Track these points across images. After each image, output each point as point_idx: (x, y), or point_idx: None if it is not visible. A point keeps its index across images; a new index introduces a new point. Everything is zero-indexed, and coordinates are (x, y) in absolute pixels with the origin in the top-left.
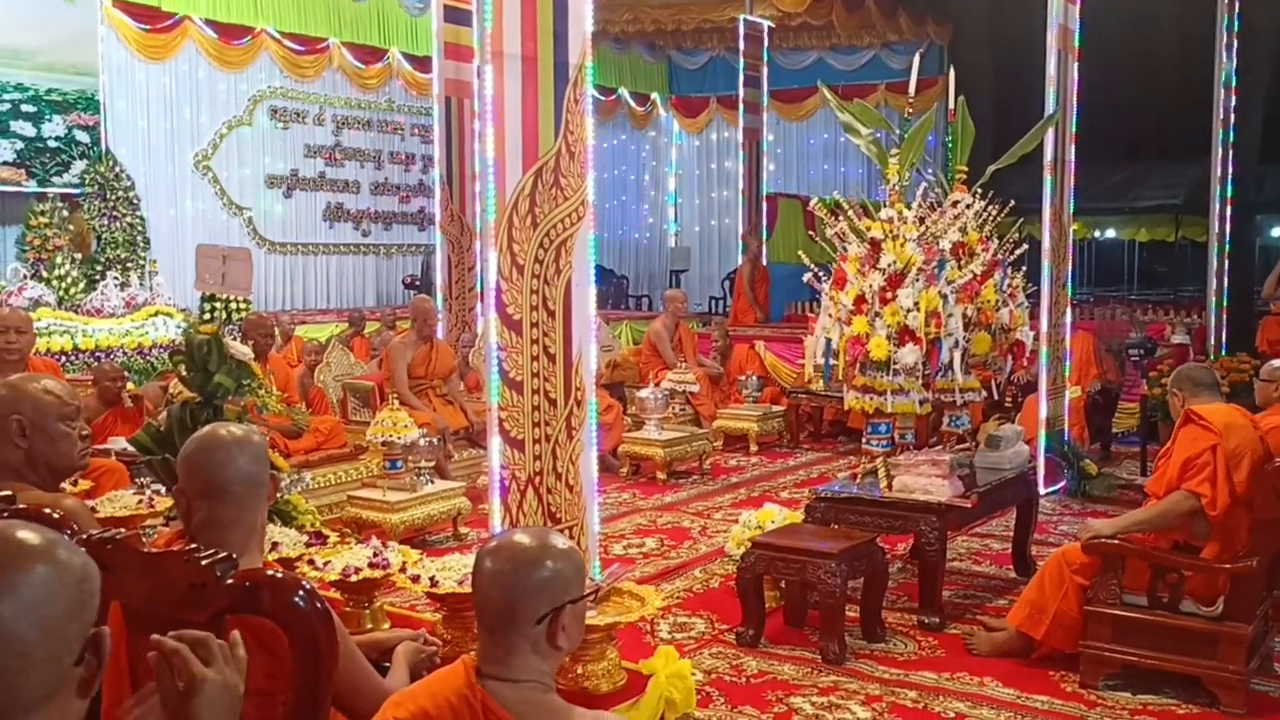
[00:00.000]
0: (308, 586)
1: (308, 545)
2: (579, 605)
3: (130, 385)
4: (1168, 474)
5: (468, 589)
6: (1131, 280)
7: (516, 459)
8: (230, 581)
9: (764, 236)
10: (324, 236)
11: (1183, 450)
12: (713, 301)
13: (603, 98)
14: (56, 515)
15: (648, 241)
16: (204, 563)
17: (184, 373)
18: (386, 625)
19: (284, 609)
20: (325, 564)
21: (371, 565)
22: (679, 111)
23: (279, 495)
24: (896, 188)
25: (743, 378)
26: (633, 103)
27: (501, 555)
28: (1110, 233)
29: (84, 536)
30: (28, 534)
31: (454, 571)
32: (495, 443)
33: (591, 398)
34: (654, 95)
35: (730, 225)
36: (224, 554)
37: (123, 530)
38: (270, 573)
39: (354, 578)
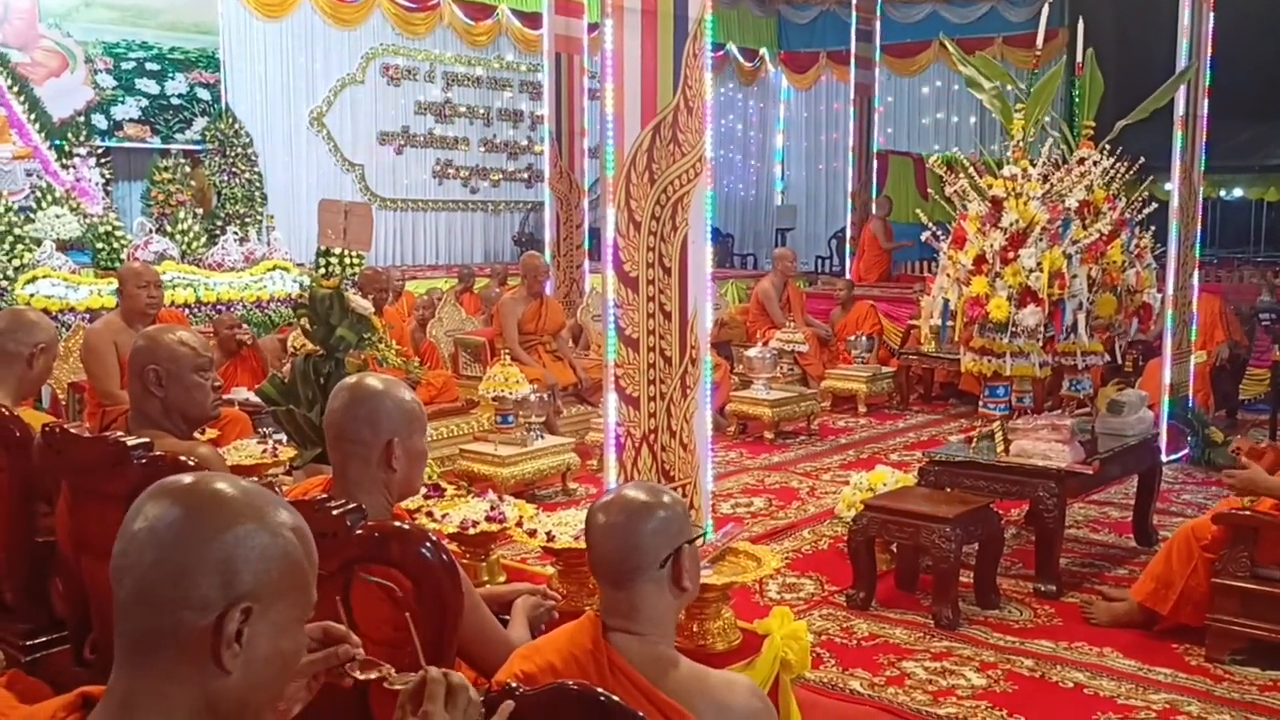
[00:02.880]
0: (434, 538)
1: (425, 498)
2: (695, 546)
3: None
4: None
5: (583, 544)
6: (1259, 241)
7: (632, 416)
8: (359, 532)
9: (873, 194)
10: (433, 193)
11: None
12: (819, 261)
13: (711, 54)
14: (192, 462)
15: (754, 199)
16: (334, 513)
17: (307, 326)
18: (503, 578)
19: (411, 560)
20: (443, 516)
21: (489, 519)
22: (788, 67)
23: None
24: (1021, 144)
25: (852, 338)
26: (741, 58)
27: (614, 508)
28: (1237, 192)
29: None
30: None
31: (570, 526)
32: (611, 399)
33: (706, 356)
34: (763, 50)
35: (838, 183)
36: (353, 505)
37: (256, 479)
38: (397, 524)
39: (471, 531)
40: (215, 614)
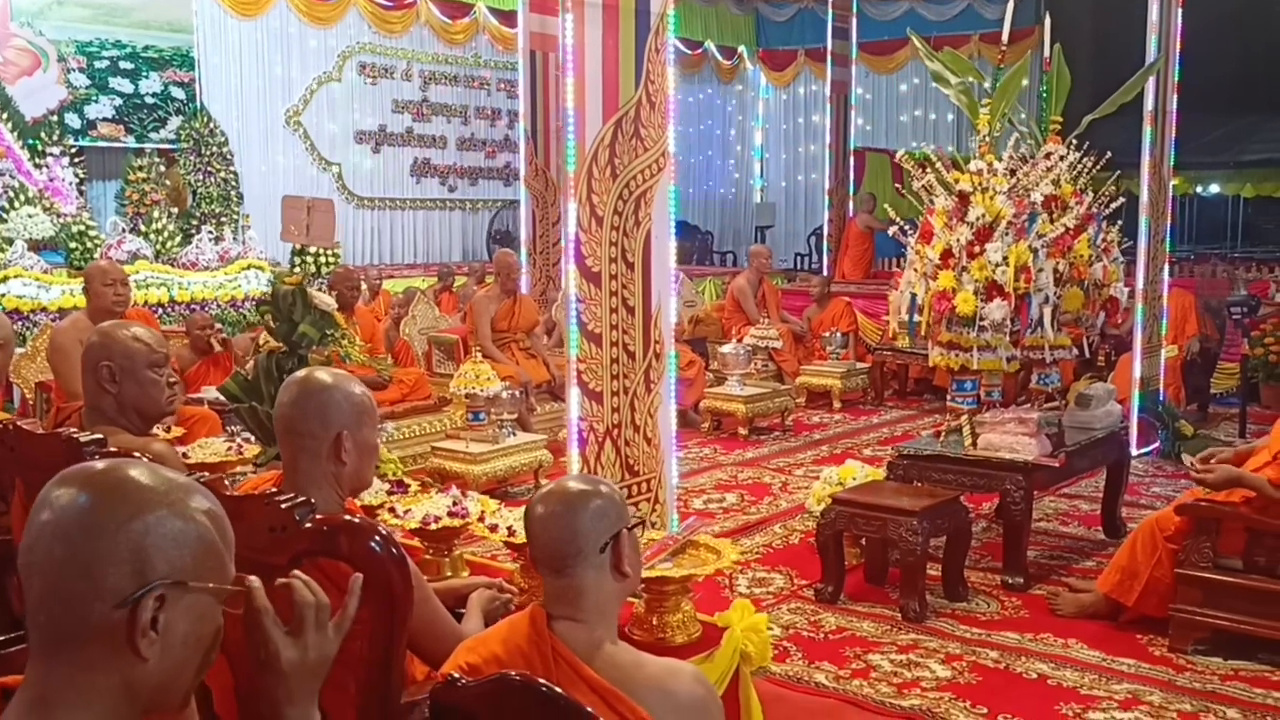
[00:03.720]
0: (384, 532)
1: (389, 494)
2: (633, 533)
3: (222, 334)
4: None
5: None
6: (1235, 237)
7: (595, 411)
8: (308, 525)
9: (850, 191)
10: (411, 192)
11: None
12: (798, 258)
13: (689, 51)
14: (145, 459)
15: (733, 197)
16: (283, 506)
17: (270, 323)
18: (466, 574)
19: (361, 553)
20: (405, 512)
21: (451, 514)
22: (766, 65)
23: None
24: (987, 139)
25: (827, 334)
26: (719, 56)
27: (553, 499)
28: (1213, 188)
29: None
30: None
31: None
32: (574, 394)
33: (671, 351)
34: (740, 48)
35: (817, 181)
36: (302, 498)
37: (207, 474)
38: (347, 518)
39: (433, 526)
40: (129, 603)
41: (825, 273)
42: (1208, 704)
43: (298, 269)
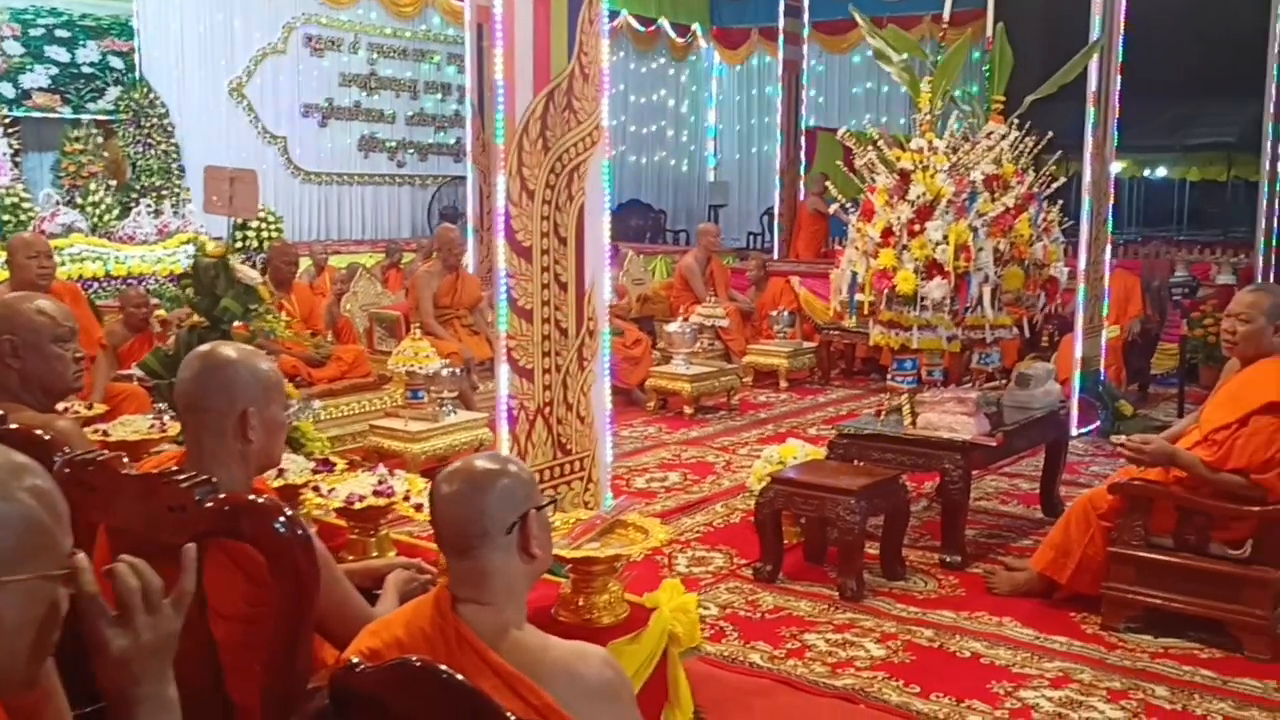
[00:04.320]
0: (289, 512)
1: (314, 472)
2: (543, 513)
3: (161, 311)
4: (1236, 453)
5: None
6: (1181, 220)
7: (525, 389)
8: (209, 505)
9: (800, 171)
10: (359, 167)
11: (1266, 444)
12: (751, 237)
13: (642, 28)
14: (47, 437)
15: (686, 175)
16: (183, 486)
17: (191, 297)
18: (393, 554)
19: (264, 535)
20: (330, 491)
21: (376, 493)
22: (720, 43)
23: (288, 422)
24: (928, 117)
25: (774, 313)
26: (673, 33)
27: (458, 477)
28: (1161, 171)
29: (70, 457)
30: None
31: None
32: (503, 372)
33: (604, 328)
34: (694, 26)
35: (770, 160)
36: (203, 477)
37: (105, 452)
38: (251, 497)
39: (358, 505)
40: None
41: (776, 253)
42: (1137, 682)
43: (239, 243)
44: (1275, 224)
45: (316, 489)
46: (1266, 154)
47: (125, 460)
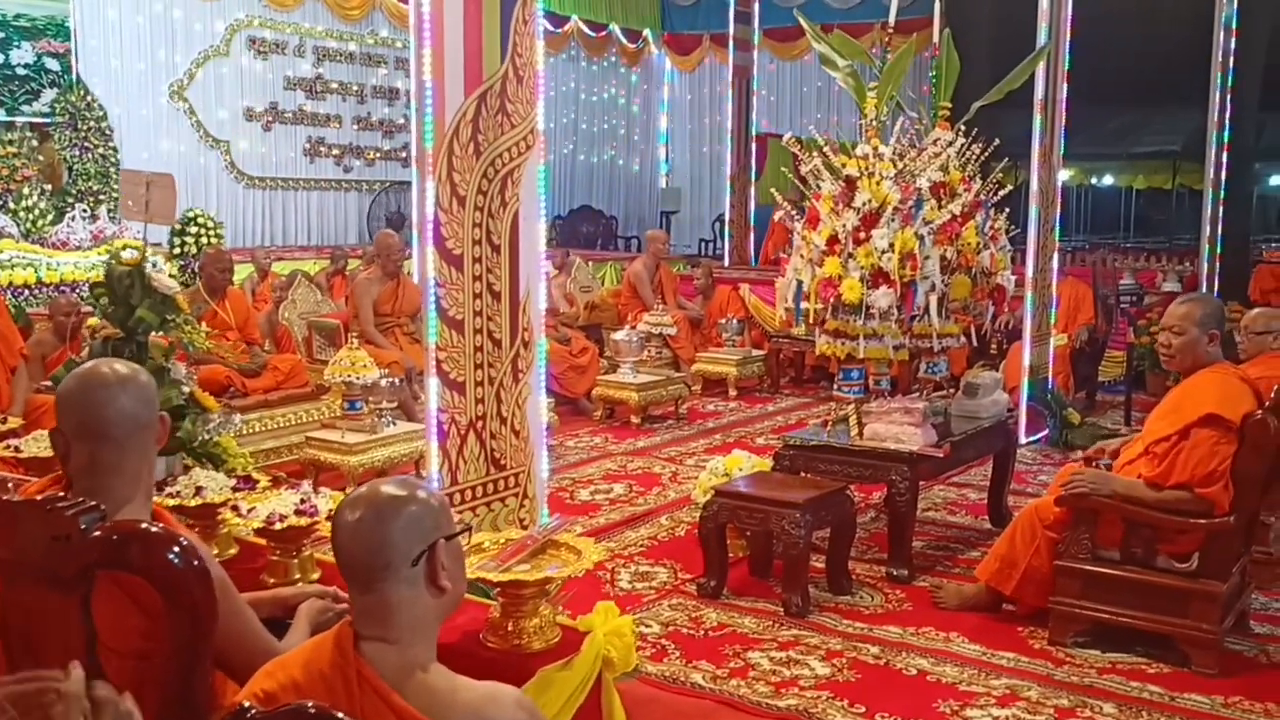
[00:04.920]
0: (184, 541)
1: (234, 490)
2: (454, 542)
3: (93, 320)
4: (1178, 466)
5: None
6: (1128, 227)
7: (456, 402)
8: (96, 534)
9: (752, 178)
10: (305, 172)
11: (1207, 457)
12: (703, 244)
13: (593, 34)
14: None
15: (638, 181)
16: (67, 513)
17: (105, 306)
18: (316, 576)
19: (157, 566)
20: (250, 510)
21: (298, 512)
22: (671, 49)
23: (208, 438)
24: (873, 123)
25: (723, 321)
26: (624, 39)
27: (361, 504)
28: (1108, 179)
29: None
30: None
31: None
32: (433, 384)
33: (540, 339)
34: (646, 32)
35: (722, 166)
36: (89, 504)
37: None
38: (144, 526)
39: (279, 525)
40: None
41: (727, 259)
42: (1084, 699)
43: (179, 249)
44: (1219, 231)
45: (236, 508)
46: (1210, 162)
47: (9, 485)
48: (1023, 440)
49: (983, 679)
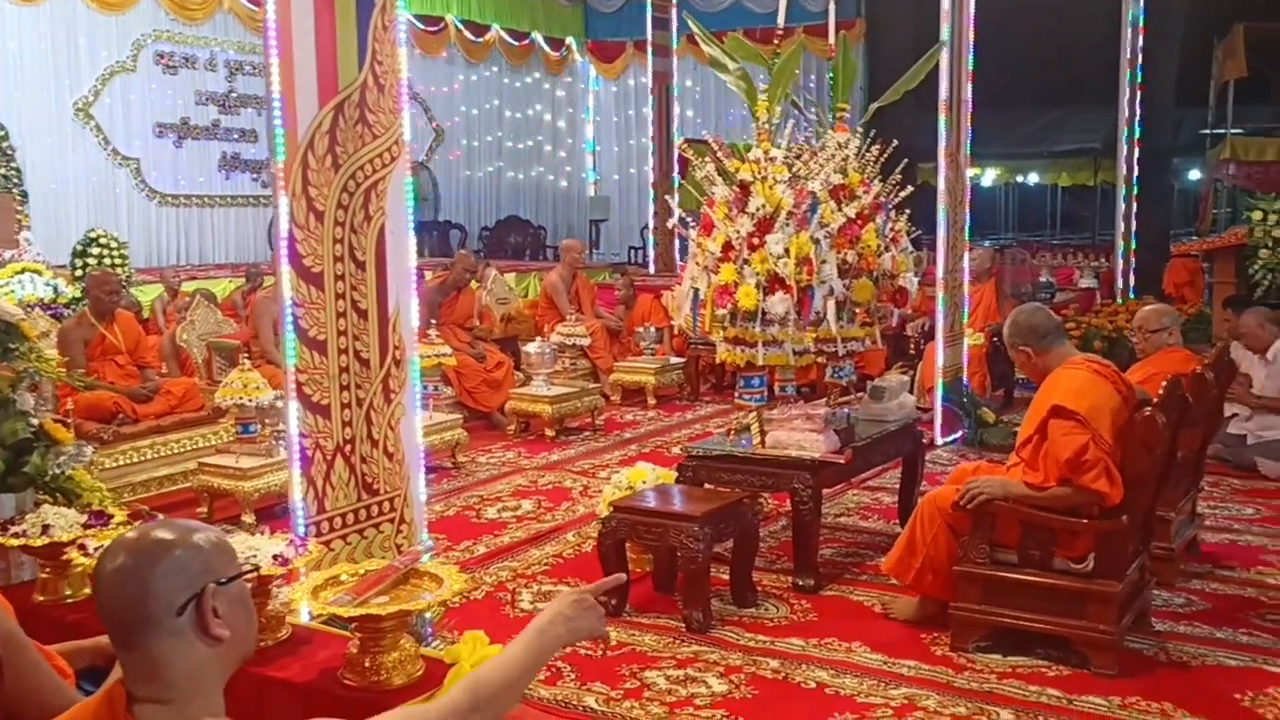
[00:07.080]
0: None
1: (85, 527)
2: (232, 586)
3: None
4: (1047, 466)
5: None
6: (1054, 225)
7: (321, 426)
8: None
9: (675, 184)
10: (220, 188)
11: (1062, 447)
12: (633, 251)
13: (515, 42)
14: None
15: (566, 191)
16: None
17: None
18: None
19: None
20: (97, 549)
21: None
22: (595, 57)
23: (59, 472)
24: (765, 126)
25: (641, 329)
26: (547, 48)
27: (121, 551)
28: (1034, 178)
29: None
30: None
31: (263, 554)
32: (293, 409)
33: (413, 356)
34: (569, 40)
35: (649, 174)
36: None
37: None
38: None
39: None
40: None
41: (652, 268)
42: (983, 705)
43: (80, 271)
44: (1133, 228)
45: (82, 547)
46: (1122, 158)
47: None
48: (939, 441)
49: (882, 689)
